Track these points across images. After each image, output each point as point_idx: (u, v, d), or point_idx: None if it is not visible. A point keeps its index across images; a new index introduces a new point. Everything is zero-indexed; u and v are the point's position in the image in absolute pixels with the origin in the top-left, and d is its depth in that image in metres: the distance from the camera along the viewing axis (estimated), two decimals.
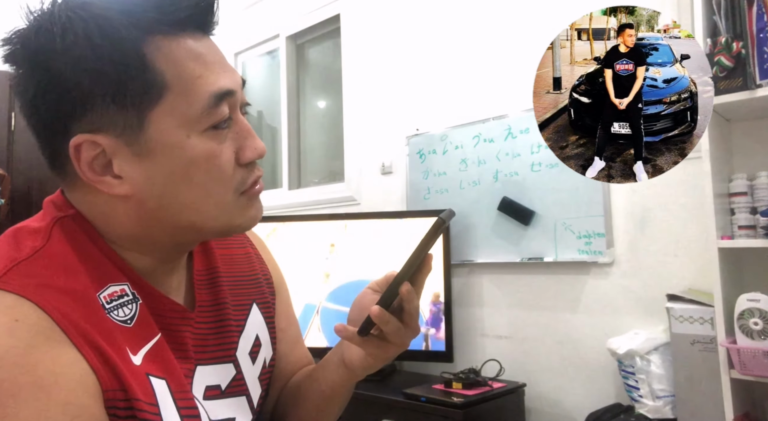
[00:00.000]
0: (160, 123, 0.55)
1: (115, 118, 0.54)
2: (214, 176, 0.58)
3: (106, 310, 0.55)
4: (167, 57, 0.55)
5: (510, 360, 2.06)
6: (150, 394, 0.54)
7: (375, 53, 2.66)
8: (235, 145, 0.59)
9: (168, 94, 0.55)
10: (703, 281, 1.64)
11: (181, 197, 0.57)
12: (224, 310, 0.70)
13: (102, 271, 0.57)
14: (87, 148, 0.55)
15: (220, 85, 0.57)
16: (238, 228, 0.63)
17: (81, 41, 0.52)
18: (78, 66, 0.52)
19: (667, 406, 1.58)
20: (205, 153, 0.56)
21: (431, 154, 2.37)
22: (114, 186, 0.56)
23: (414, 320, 0.65)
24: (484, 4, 2.27)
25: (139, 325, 0.57)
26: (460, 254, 2.22)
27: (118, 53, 0.53)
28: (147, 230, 0.59)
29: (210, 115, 0.56)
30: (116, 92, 0.53)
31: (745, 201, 1.47)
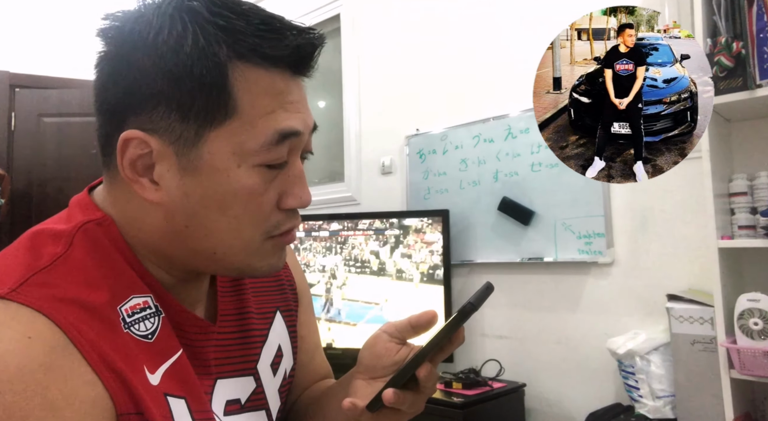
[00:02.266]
0: (216, 145, 0.52)
1: (174, 126, 0.52)
2: (250, 213, 0.55)
3: (126, 324, 0.53)
4: (248, 85, 0.52)
5: (510, 360, 2.06)
6: (167, 415, 0.52)
7: (375, 53, 2.66)
8: (281, 187, 0.56)
9: (234, 120, 0.52)
10: (703, 281, 1.64)
11: (210, 224, 0.54)
12: (248, 319, 0.68)
13: (125, 281, 0.55)
14: (135, 146, 0.53)
15: (289, 125, 0.54)
16: (254, 272, 0.59)
17: (171, 42, 0.50)
18: (158, 64, 0.51)
19: (667, 406, 1.58)
20: (248, 188, 0.54)
21: (431, 154, 2.37)
22: (148, 190, 0.54)
23: (430, 394, 0.61)
24: (485, 5, 2.27)
25: (160, 340, 0.55)
26: (460, 254, 2.22)
27: (201, 67, 0.51)
28: (168, 245, 0.57)
29: (268, 151, 0.53)
30: (184, 102, 0.51)
31: (745, 201, 1.47)
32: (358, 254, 2.29)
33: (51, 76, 3.08)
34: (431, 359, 0.59)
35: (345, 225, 2.34)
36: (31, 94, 3.02)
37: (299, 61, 0.55)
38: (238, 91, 0.52)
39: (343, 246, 2.33)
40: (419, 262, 2.19)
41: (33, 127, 2.99)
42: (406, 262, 2.21)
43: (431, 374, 0.58)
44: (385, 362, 0.64)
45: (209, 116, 0.52)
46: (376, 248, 2.27)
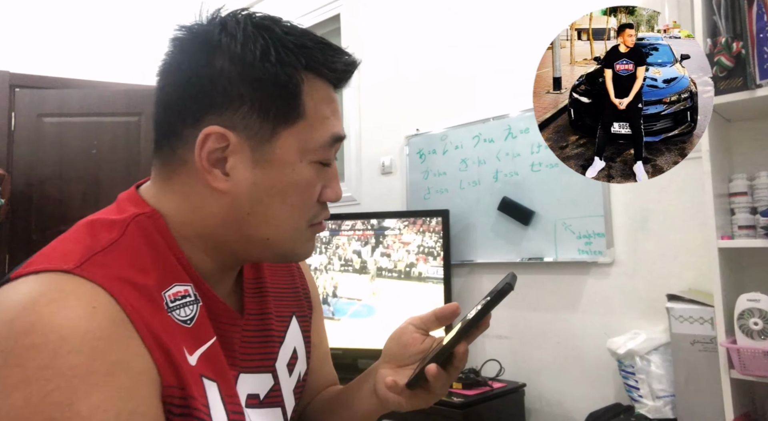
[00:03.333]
0: (286, 141, 0.61)
1: (253, 124, 0.60)
2: (303, 202, 0.64)
3: (169, 309, 0.58)
4: (313, 93, 0.62)
5: (510, 360, 2.06)
6: (203, 395, 0.56)
7: (375, 53, 2.66)
8: (324, 183, 0.66)
9: (302, 122, 0.62)
10: (703, 281, 1.64)
11: (271, 211, 0.62)
12: (269, 319, 0.73)
13: (169, 270, 0.60)
14: (215, 140, 0.60)
15: (339, 131, 0.65)
16: (297, 256, 0.67)
17: (258, 54, 0.59)
18: (245, 71, 0.59)
19: (667, 406, 1.58)
20: (306, 180, 0.63)
21: (431, 154, 2.37)
22: (219, 180, 0.60)
23: (458, 373, 0.68)
24: (485, 5, 2.27)
25: (198, 326, 0.60)
26: (460, 254, 2.22)
27: (284, 76, 0.60)
28: (225, 232, 0.63)
29: (324, 150, 0.64)
30: (265, 104, 0.60)
31: (745, 201, 1.47)
32: (341, 253, 2.30)
33: (51, 76, 3.08)
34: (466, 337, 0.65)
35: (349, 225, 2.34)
36: (31, 94, 3.02)
37: (345, 76, 0.67)
38: (306, 97, 0.62)
39: (327, 246, 2.33)
40: (397, 260, 2.20)
41: (33, 127, 2.98)
42: (385, 260, 2.21)
43: (466, 352, 0.65)
44: (411, 351, 0.70)
45: (284, 117, 0.61)
46: (358, 247, 2.27)
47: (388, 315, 2.19)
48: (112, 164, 2.94)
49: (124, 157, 2.94)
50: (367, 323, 2.22)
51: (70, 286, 0.51)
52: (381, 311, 2.22)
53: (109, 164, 2.94)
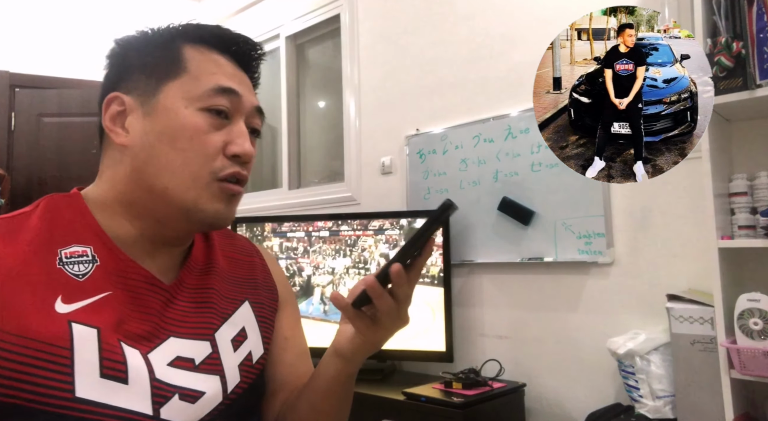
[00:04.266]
0: (170, 92, 0.69)
1: (141, 84, 0.70)
2: (195, 147, 0.68)
3: (62, 262, 0.65)
4: (197, 55, 0.72)
5: (510, 360, 2.06)
6: (63, 339, 0.60)
7: (375, 53, 2.66)
8: (227, 137, 0.70)
9: (184, 76, 0.70)
10: (703, 281, 1.64)
11: (163, 157, 0.68)
12: (210, 294, 0.76)
13: (73, 233, 0.67)
14: (115, 104, 0.70)
15: (227, 83, 0.71)
16: (203, 213, 0.69)
17: (149, 32, 0.73)
18: (137, 46, 0.72)
19: (667, 406, 1.58)
20: (193, 124, 0.68)
21: (431, 154, 2.37)
22: (120, 135, 0.70)
23: (402, 304, 0.68)
24: (485, 5, 2.27)
25: (90, 281, 0.65)
26: (460, 254, 2.22)
27: (161, 40, 0.72)
28: (134, 187, 0.69)
29: (208, 97, 0.69)
30: (149, 65, 0.71)
31: (745, 201, 1.47)
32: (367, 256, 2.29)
33: (51, 76, 3.08)
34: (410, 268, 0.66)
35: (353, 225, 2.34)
36: (31, 94, 3.01)
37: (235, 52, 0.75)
38: (190, 58, 0.71)
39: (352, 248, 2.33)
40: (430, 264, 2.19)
41: (33, 127, 2.98)
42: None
43: (402, 276, 0.65)
44: None
45: (166, 72, 0.70)
46: (385, 250, 2.27)
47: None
48: None
49: None
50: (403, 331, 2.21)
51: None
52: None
53: None
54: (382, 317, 0.68)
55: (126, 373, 0.62)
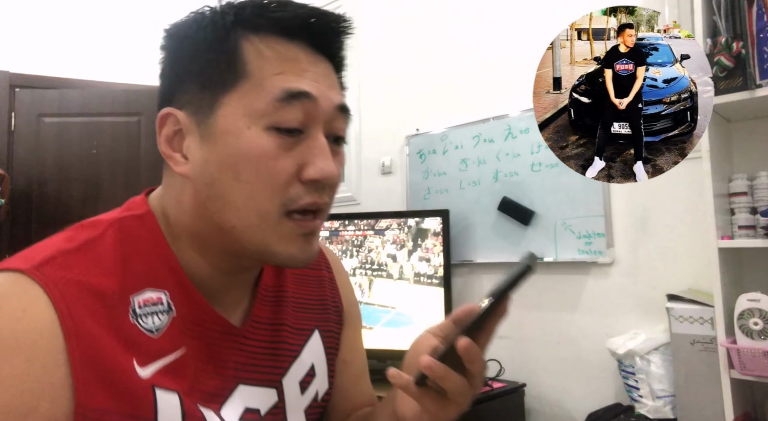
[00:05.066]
0: (228, 108, 0.55)
1: (194, 98, 0.56)
2: (262, 178, 0.54)
3: (135, 315, 0.54)
4: (258, 51, 0.56)
5: (510, 360, 2.06)
6: (148, 408, 0.53)
7: (375, 53, 2.66)
8: (301, 158, 0.56)
9: (245, 83, 0.55)
10: (703, 281, 1.64)
11: (226, 191, 0.55)
12: (281, 331, 0.67)
13: (147, 273, 0.56)
14: (170, 123, 0.57)
15: (297, 86, 0.55)
16: (274, 257, 0.57)
17: (193, 25, 0.57)
18: (185, 46, 0.57)
19: (667, 406, 1.58)
20: (258, 149, 0.54)
21: (431, 154, 2.37)
22: (179, 163, 0.57)
23: (476, 379, 0.57)
24: (485, 5, 2.27)
25: (165, 337, 0.56)
26: (460, 254, 2.22)
27: (214, 38, 0.56)
28: (199, 223, 0.58)
29: (276, 110, 0.54)
30: (201, 72, 0.56)
31: (745, 201, 1.47)
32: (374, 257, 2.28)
33: (51, 76, 3.08)
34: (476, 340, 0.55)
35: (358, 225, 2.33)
36: (31, 94, 3.01)
37: (310, 33, 0.58)
38: (248, 55, 0.55)
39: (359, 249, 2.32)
40: (438, 265, 2.19)
41: (33, 127, 2.98)
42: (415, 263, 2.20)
43: (471, 351, 0.54)
44: None
45: (221, 81, 0.55)
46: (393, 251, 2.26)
47: (424, 324, 2.18)
48: (112, 164, 2.94)
49: (124, 157, 2.94)
50: (403, 332, 2.21)
51: (15, 287, 0.50)
52: (418, 320, 2.21)
53: (109, 164, 2.94)
54: (451, 394, 0.55)
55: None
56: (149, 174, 2.90)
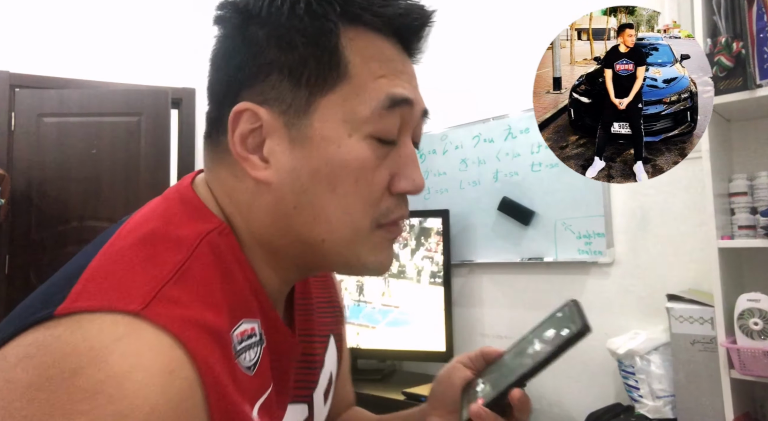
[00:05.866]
0: (327, 111, 0.49)
1: (285, 94, 0.50)
2: (360, 192, 0.50)
3: (237, 352, 0.47)
4: (359, 49, 0.50)
5: None
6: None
7: None
8: (393, 168, 0.53)
9: (345, 85, 0.50)
10: (703, 281, 1.64)
11: (319, 203, 0.50)
12: (313, 342, 0.63)
13: (239, 300, 0.49)
14: (247, 119, 0.50)
15: (400, 91, 0.51)
16: (363, 268, 0.54)
17: (285, 10, 0.49)
18: (272, 33, 0.50)
19: (667, 406, 1.58)
20: (360, 160, 0.50)
21: (431, 154, 2.37)
22: (258, 168, 0.50)
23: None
24: (484, 5, 2.27)
25: (259, 374, 0.49)
26: (460, 254, 2.22)
27: (313, 29, 0.49)
28: (276, 234, 0.52)
29: (380, 118, 0.50)
30: (295, 66, 0.49)
31: (745, 201, 1.47)
32: None
33: (51, 76, 3.08)
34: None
35: None
36: (31, 94, 3.01)
37: (407, 31, 0.53)
38: (350, 54, 0.50)
39: None
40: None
41: (33, 127, 2.98)
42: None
43: (526, 403, 0.55)
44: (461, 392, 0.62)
45: (320, 80, 0.49)
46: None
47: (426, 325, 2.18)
48: (112, 164, 2.94)
49: (124, 157, 2.94)
50: (403, 331, 2.22)
51: (141, 339, 0.39)
52: (415, 321, 2.21)
53: (109, 164, 2.94)
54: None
55: None
56: (149, 174, 2.91)
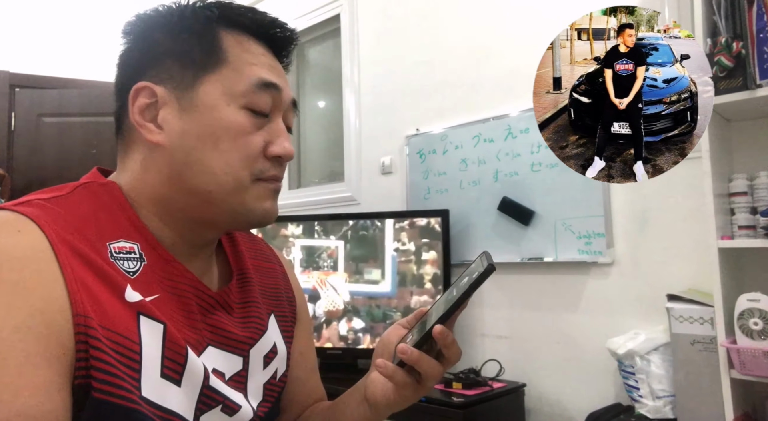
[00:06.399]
0: (210, 86, 0.63)
1: (176, 74, 0.64)
2: (238, 148, 0.63)
3: (114, 256, 0.59)
4: (235, 42, 0.65)
5: (510, 360, 2.06)
6: (132, 331, 0.56)
7: (375, 53, 2.66)
8: (267, 137, 0.65)
9: (224, 68, 0.64)
10: (703, 281, 1.64)
11: (206, 159, 0.62)
12: (252, 307, 0.73)
13: (119, 226, 0.62)
14: (144, 95, 0.63)
15: (269, 77, 0.65)
16: (252, 214, 0.65)
17: (176, 16, 0.65)
18: (167, 32, 0.65)
19: (667, 406, 1.58)
20: (237, 124, 0.63)
21: (431, 154, 2.37)
22: (153, 133, 0.63)
23: (450, 363, 0.65)
24: (484, 5, 2.27)
25: (140, 280, 0.60)
26: (460, 254, 2.22)
27: (199, 26, 0.64)
28: (169, 190, 0.64)
29: (252, 95, 0.64)
30: (184, 53, 0.64)
31: (745, 201, 1.47)
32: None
33: (51, 76, 3.08)
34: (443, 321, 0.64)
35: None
36: (31, 94, 3.01)
37: (275, 39, 0.69)
38: (228, 46, 0.65)
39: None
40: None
41: (33, 127, 2.98)
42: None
43: (447, 336, 0.63)
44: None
45: (203, 63, 0.64)
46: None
47: None
48: (112, 164, 2.92)
49: None
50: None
51: (4, 216, 0.55)
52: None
53: (108, 164, 2.92)
54: (427, 379, 0.65)
55: (182, 375, 0.59)
56: None
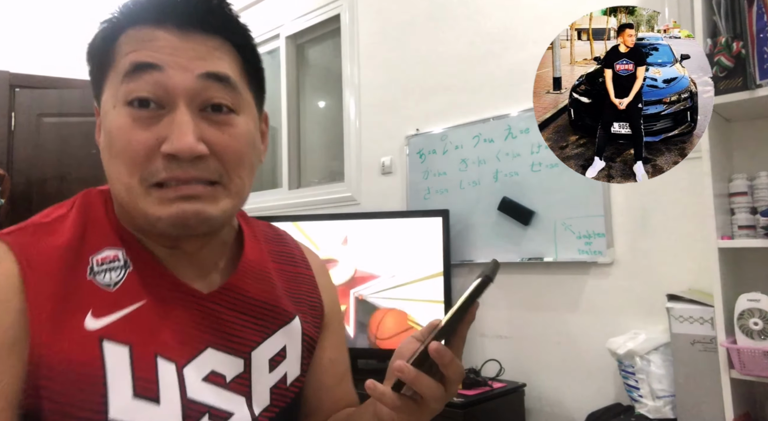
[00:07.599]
0: (105, 94, 0.62)
1: (96, 91, 0.64)
2: (122, 154, 0.59)
3: (93, 272, 0.59)
4: (129, 39, 0.60)
5: (510, 360, 2.06)
6: (94, 357, 0.56)
7: (375, 53, 2.66)
8: (161, 132, 0.58)
9: (111, 71, 0.61)
10: (703, 281, 1.64)
11: (109, 170, 0.61)
12: (258, 307, 0.70)
13: (104, 236, 0.63)
14: (97, 115, 0.65)
15: (140, 58, 0.58)
16: (160, 223, 0.59)
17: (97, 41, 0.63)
18: (89, 59, 0.64)
19: (667, 406, 1.58)
20: (118, 126, 0.59)
21: (431, 154, 2.37)
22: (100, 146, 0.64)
23: (452, 384, 0.60)
24: (485, 5, 2.27)
25: (121, 291, 0.60)
26: (460, 254, 2.22)
27: (103, 35, 0.62)
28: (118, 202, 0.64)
29: (128, 84, 0.58)
30: (93, 71, 0.63)
31: (745, 201, 1.47)
32: None
33: (51, 76, 3.08)
34: (450, 345, 0.59)
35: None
36: (31, 94, 3.02)
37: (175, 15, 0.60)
38: (118, 46, 0.61)
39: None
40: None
41: (33, 127, 2.99)
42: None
43: (444, 354, 0.57)
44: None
45: (102, 70, 0.62)
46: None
47: None
48: None
49: None
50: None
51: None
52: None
53: None
54: (428, 399, 0.58)
55: (158, 392, 0.58)
56: None
